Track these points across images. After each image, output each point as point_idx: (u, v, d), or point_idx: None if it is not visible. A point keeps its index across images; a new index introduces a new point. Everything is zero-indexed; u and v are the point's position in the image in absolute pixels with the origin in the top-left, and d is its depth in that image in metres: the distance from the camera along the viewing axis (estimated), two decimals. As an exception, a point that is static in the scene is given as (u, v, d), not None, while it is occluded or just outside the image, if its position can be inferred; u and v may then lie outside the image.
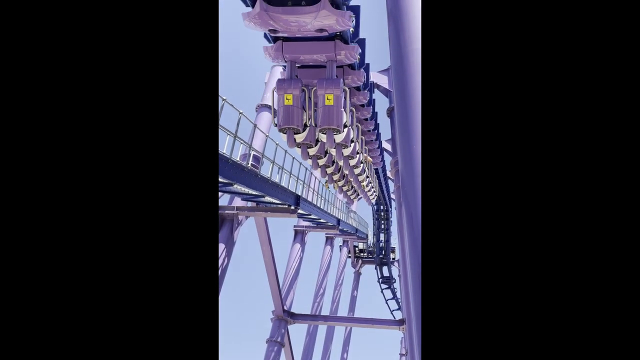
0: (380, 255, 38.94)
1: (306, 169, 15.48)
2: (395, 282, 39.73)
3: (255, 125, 12.57)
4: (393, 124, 19.18)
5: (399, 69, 5.51)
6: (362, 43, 11.29)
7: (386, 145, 23.73)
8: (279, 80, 8.56)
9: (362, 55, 11.63)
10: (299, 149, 9.58)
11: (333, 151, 9.79)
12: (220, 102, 8.57)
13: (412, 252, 4.72)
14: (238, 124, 9.49)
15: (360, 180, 15.97)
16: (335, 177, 13.90)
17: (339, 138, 9.13)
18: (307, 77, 8.74)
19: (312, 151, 9.86)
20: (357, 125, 10.89)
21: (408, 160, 4.97)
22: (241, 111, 9.55)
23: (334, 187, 16.74)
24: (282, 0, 7.04)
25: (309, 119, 8.62)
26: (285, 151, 12.52)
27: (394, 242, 39.40)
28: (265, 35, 8.45)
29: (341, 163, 11.38)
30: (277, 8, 6.93)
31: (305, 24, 7.30)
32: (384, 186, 31.81)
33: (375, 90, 19.23)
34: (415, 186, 4.72)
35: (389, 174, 27.25)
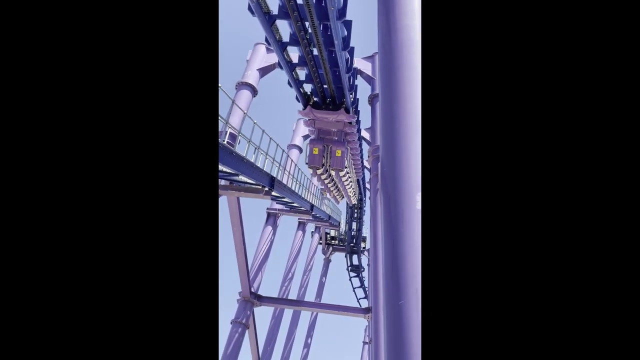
0: (351, 244, 39.12)
1: (283, 150, 15.21)
2: (364, 270, 40.05)
3: (233, 102, 12.20)
4: (374, 112, 19.01)
5: (387, 52, 5.30)
6: (348, 25, 11.04)
7: (365, 134, 23.62)
8: (311, 139, 17.47)
9: (348, 37, 11.40)
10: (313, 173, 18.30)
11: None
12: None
13: (387, 238, 4.58)
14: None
15: (345, 185, 24.72)
16: (330, 186, 22.48)
17: (342, 173, 19.60)
18: (324, 135, 17.34)
19: (323, 177, 19.03)
20: (346, 147, 17.58)
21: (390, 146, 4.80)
22: (219, 85, 9.21)
23: (330, 195, 26.53)
24: (319, 106, 15.93)
25: (325, 162, 17.15)
26: (263, 131, 12.22)
27: (366, 231, 39.61)
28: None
29: (334, 174, 19.89)
30: (317, 110, 15.92)
31: (330, 118, 16.22)
32: (360, 181, 31.88)
33: (358, 76, 19.02)
34: (395, 174, 4.56)
35: (365, 163, 27.20)
